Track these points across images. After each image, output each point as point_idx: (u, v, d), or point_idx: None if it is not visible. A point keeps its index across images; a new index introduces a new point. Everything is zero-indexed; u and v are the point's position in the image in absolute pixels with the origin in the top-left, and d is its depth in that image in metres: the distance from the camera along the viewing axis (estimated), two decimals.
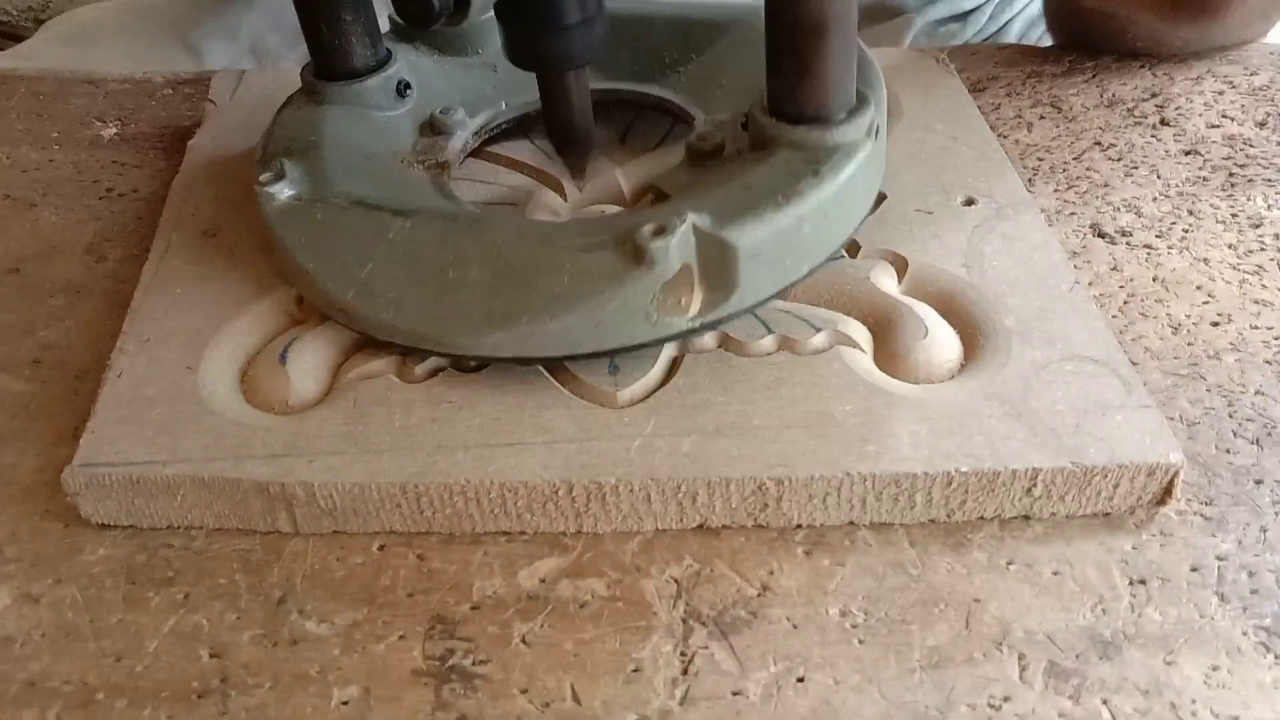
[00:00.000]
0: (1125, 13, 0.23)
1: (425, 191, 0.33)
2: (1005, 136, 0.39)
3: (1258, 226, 0.35)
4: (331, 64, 0.34)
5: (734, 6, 0.37)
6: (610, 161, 0.36)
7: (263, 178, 0.31)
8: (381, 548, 0.27)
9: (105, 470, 0.26)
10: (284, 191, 0.31)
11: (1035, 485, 0.26)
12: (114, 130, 0.42)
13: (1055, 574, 0.25)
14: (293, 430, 0.27)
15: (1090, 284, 0.33)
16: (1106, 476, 0.26)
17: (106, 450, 0.27)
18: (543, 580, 0.26)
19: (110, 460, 0.26)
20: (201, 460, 0.26)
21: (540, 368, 0.28)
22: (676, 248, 0.26)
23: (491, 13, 0.32)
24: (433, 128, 0.35)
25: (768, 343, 0.29)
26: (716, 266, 0.27)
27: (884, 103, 0.31)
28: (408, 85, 0.35)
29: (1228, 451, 0.28)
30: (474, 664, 0.24)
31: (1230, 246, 0.34)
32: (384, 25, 0.35)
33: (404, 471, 0.26)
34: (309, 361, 0.29)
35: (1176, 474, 0.26)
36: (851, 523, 0.27)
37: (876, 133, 0.29)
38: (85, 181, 0.39)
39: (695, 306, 0.27)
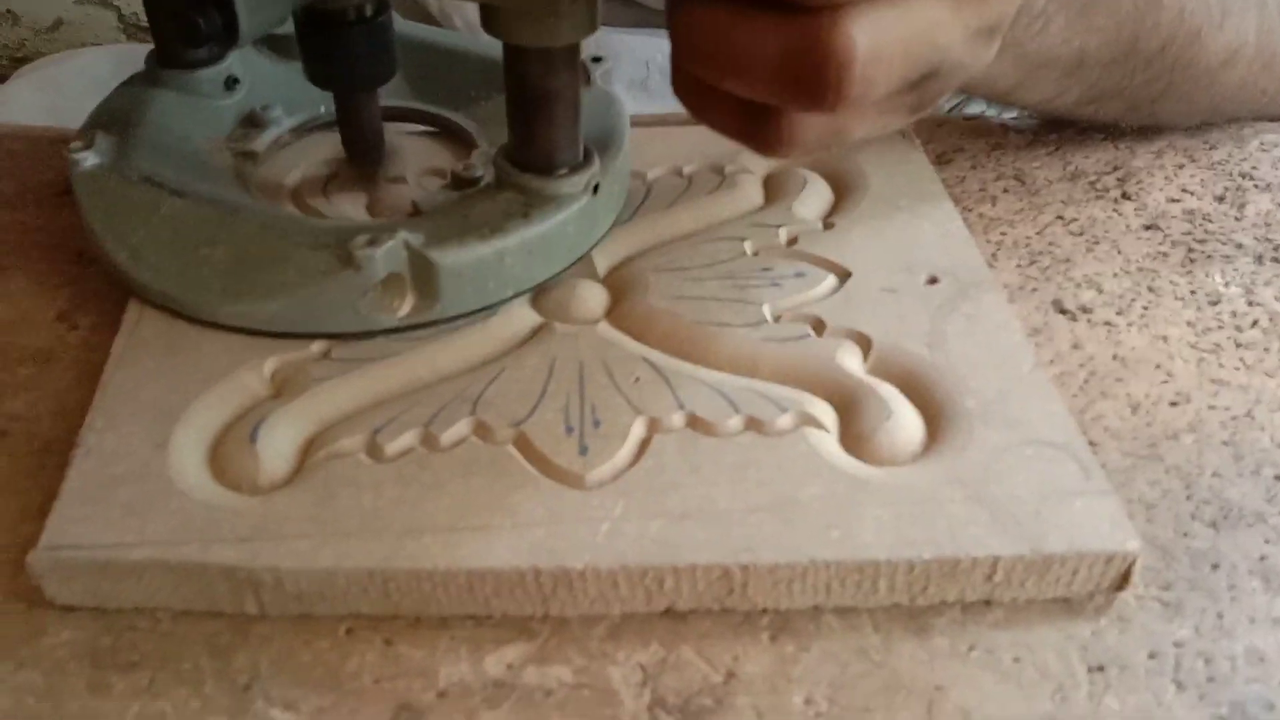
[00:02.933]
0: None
1: (221, 176, 0.37)
2: (969, 210, 0.40)
3: (1215, 304, 0.36)
4: (168, 54, 0.39)
5: None
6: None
7: (73, 144, 0.36)
8: (349, 631, 0.27)
9: (71, 553, 0.26)
10: (88, 160, 0.36)
11: (996, 572, 0.26)
12: None
13: (1016, 660, 0.26)
14: (261, 512, 0.27)
15: (1051, 361, 0.34)
16: (1065, 564, 0.26)
17: (73, 532, 0.27)
18: (509, 666, 0.26)
19: (76, 543, 0.26)
20: (169, 543, 0.26)
21: (511, 448, 0.29)
22: (383, 257, 0.31)
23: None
24: (251, 121, 0.40)
25: (735, 423, 0.29)
26: (423, 279, 0.32)
27: (615, 166, 0.35)
28: (236, 80, 0.40)
29: (1185, 535, 0.29)
30: None
31: (1189, 324, 0.35)
32: None
33: (372, 556, 0.26)
34: (279, 439, 0.29)
35: (1134, 562, 0.26)
36: (816, 606, 0.27)
37: (596, 189, 0.34)
38: (58, 245, 0.39)
39: (405, 309, 0.32)
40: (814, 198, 0.38)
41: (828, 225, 0.37)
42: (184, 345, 0.32)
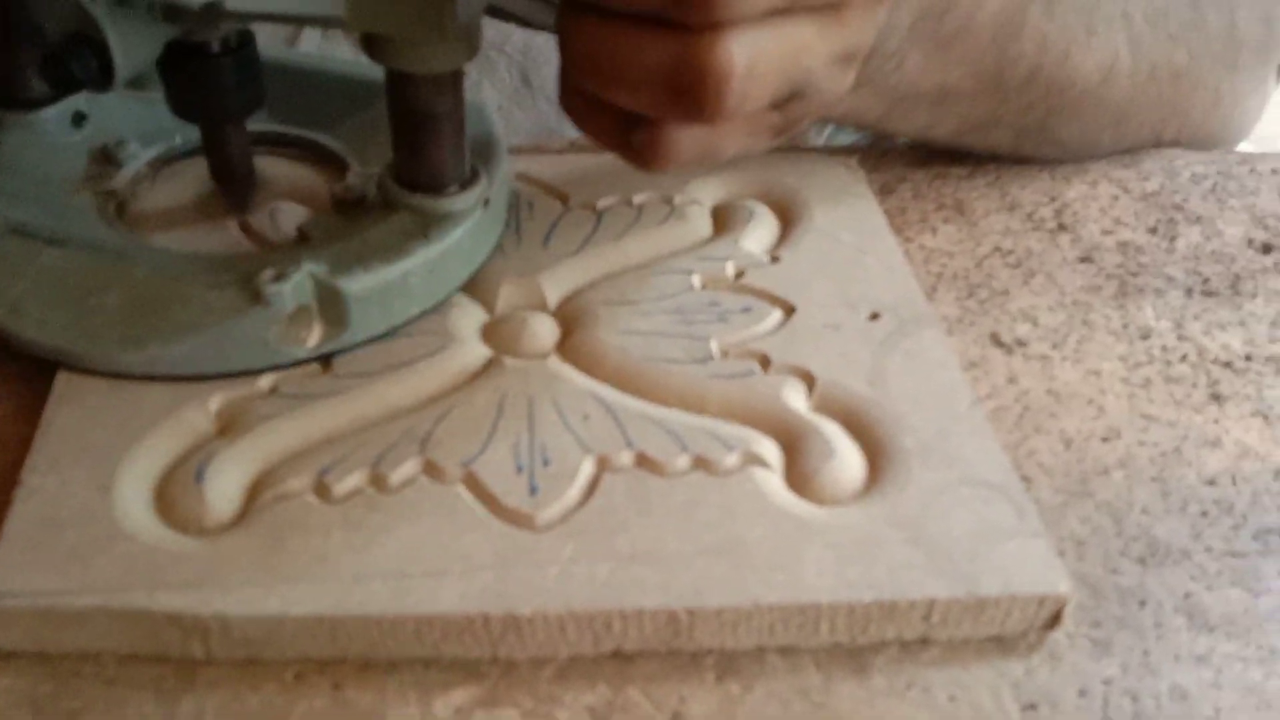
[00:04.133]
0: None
1: (88, 218, 0.36)
2: (910, 240, 0.41)
3: (1146, 338, 0.37)
4: (9, 93, 0.37)
5: None
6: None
7: None
8: (297, 676, 0.27)
9: (13, 601, 0.26)
10: None
11: (933, 613, 0.27)
12: None
13: (951, 699, 0.27)
14: (208, 556, 0.27)
15: (988, 395, 0.35)
16: (999, 605, 0.27)
17: (15, 579, 0.26)
18: (458, 710, 0.26)
19: (19, 590, 0.26)
20: (115, 590, 0.26)
21: (461, 488, 0.29)
22: (291, 291, 0.31)
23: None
24: (105, 157, 0.38)
25: (683, 462, 0.30)
26: (331, 308, 0.32)
27: (500, 177, 0.36)
28: (84, 116, 0.39)
29: (1114, 572, 0.30)
30: None
31: (1121, 358, 0.36)
32: None
33: (320, 603, 0.26)
34: (226, 479, 0.29)
35: (1065, 603, 0.27)
36: (760, 646, 0.27)
37: (487, 203, 0.35)
38: None
39: (314, 339, 0.32)
40: (760, 230, 0.39)
41: (774, 258, 0.38)
42: (127, 381, 0.32)
